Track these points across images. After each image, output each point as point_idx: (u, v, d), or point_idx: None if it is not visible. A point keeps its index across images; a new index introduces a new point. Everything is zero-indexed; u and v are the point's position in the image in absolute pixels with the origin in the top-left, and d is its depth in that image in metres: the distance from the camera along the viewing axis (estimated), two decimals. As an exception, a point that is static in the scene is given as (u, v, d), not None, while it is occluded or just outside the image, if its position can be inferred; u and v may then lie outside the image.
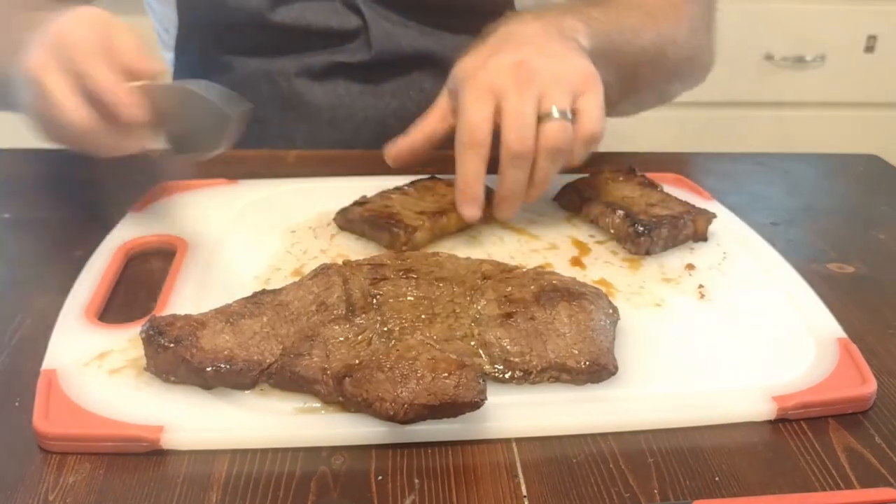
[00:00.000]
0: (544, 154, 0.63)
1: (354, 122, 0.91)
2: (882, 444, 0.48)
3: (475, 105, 0.64)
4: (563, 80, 0.64)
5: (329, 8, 0.88)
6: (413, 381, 0.45)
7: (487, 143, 0.63)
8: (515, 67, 0.64)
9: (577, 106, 0.64)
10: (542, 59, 0.65)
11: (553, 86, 0.64)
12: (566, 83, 0.64)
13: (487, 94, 0.64)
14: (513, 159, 0.63)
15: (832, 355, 0.54)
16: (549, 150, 0.63)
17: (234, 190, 0.76)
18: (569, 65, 0.66)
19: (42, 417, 0.46)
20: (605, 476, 0.45)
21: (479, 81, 0.65)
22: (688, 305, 0.60)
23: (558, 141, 0.63)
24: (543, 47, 0.67)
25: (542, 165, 0.64)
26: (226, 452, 0.46)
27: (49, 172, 0.83)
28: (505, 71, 0.64)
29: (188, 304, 0.57)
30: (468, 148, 0.64)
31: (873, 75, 1.90)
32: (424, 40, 0.89)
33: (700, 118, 1.89)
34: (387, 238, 0.65)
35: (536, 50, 0.66)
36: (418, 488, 0.44)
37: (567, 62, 0.66)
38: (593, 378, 0.51)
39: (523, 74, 0.64)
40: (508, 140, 0.62)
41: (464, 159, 0.64)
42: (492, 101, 0.64)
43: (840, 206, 0.83)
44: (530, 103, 0.63)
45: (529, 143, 0.62)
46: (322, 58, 0.89)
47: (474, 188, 0.64)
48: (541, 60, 0.65)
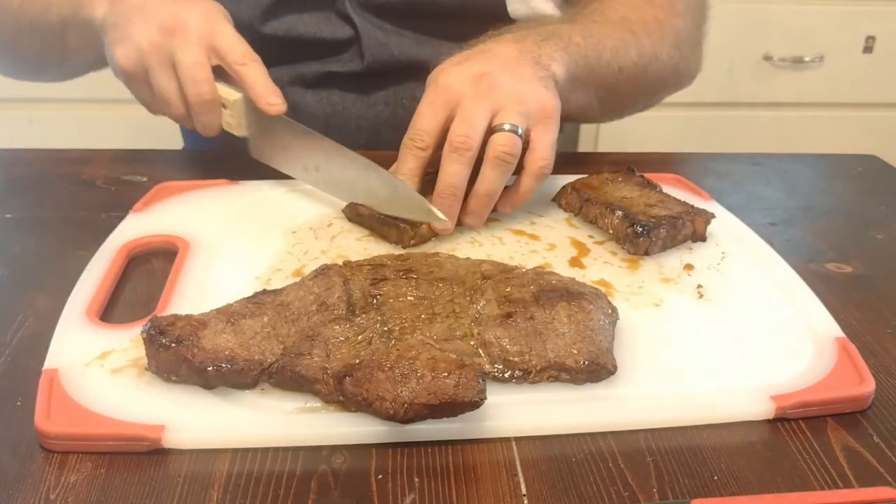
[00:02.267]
0: (490, 162, 0.64)
1: (348, 131, 0.91)
2: (880, 443, 0.48)
3: (428, 110, 0.66)
4: (521, 102, 0.65)
5: (321, 19, 0.88)
6: (413, 381, 0.45)
7: (428, 147, 0.66)
8: (478, 78, 0.66)
9: (530, 137, 0.66)
10: (506, 77, 0.66)
11: (510, 103, 0.65)
12: (523, 106, 0.65)
13: (444, 99, 0.66)
14: (452, 153, 0.64)
15: (830, 355, 0.54)
16: (495, 159, 0.64)
17: (236, 190, 0.76)
18: (531, 90, 0.67)
19: (44, 417, 0.46)
20: (604, 475, 0.45)
21: (440, 86, 0.67)
22: (686, 305, 0.60)
23: (506, 149, 0.64)
24: (512, 68, 0.68)
25: (487, 175, 0.65)
26: (227, 451, 0.46)
27: (50, 172, 0.83)
28: (467, 79, 0.66)
29: (189, 304, 0.57)
30: (407, 148, 0.67)
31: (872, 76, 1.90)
32: (417, 49, 0.89)
33: (699, 118, 1.90)
34: (395, 234, 0.66)
35: (504, 68, 0.67)
36: (418, 487, 0.44)
37: (530, 88, 0.67)
38: (592, 377, 0.51)
39: (483, 85, 0.65)
40: (452, 134, 0.64)
41: (401, 157, 0.67)
42: (446, 108, 0.66)
43: (838, 206, 0.83)
44: (483, 111, 0.64)
45: (472, 141, 0.63)
46: (315, 67, 0.90)
47: None
48: (505, 77, 0.66)
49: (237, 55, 0.70)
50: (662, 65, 0.83)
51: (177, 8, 0.70)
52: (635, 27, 0.81)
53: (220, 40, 0.70)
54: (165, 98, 0.71)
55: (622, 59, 0.78)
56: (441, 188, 0.65)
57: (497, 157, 0.64)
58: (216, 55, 0.70)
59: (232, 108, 0.72)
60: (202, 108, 0.71)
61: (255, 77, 0.70)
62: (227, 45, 0.70)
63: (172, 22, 0.69)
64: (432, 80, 0.68)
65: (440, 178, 0.65)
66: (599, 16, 0.80)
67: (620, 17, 0.81)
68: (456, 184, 0.64)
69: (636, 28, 0.81)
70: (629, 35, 0.80)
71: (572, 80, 0.73)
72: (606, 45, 0.77)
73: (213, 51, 0.70)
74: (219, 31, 0.70)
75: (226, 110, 0.72)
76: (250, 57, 0.70)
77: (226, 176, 0.77)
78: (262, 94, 0.70)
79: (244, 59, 0.70)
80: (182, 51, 0.69)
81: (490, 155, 0.64)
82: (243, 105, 0.72)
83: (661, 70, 0.83)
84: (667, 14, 0.84)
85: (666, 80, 0.86)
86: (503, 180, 0.66)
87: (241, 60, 0.70)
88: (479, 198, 0.66)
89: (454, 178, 0.64)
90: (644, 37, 0.81)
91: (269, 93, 0.70)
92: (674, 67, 0.85)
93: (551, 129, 0.67)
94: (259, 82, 0.70)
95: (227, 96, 0.72)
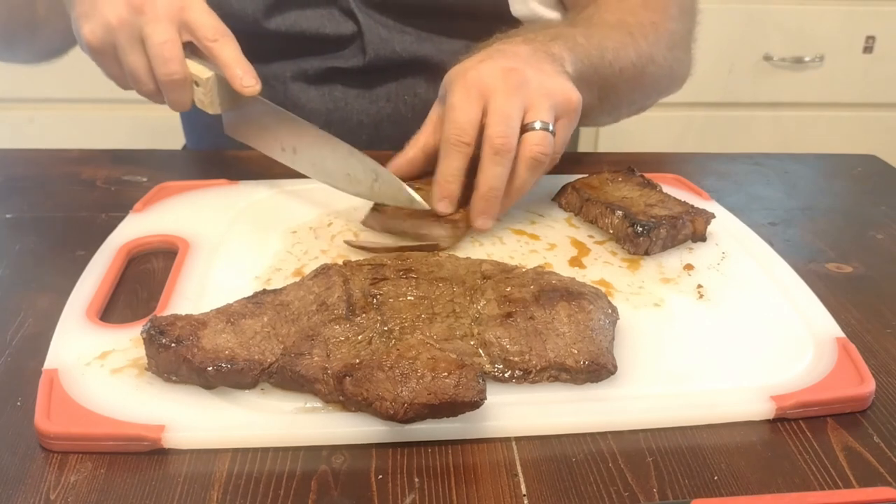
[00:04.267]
0: (525, 162, 0.64)
1: (349, 126, 0.91)
2: (880, 443, 0.48)
3: (462, 104, 0.64)
4: (549, 96, 0.65)
5: (324, 15, 0.88)
6: (413, 381, 0.45)
7: (472, 142, 0.64)
8: (507, 72, 0.65)
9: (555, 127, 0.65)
10: (532, 72, 0.66)
11: (540, 98, 0.65)
12: (552, 100, 0.65)
13: (476, 92, 0.65)
14: (494, 155, 0.63)
15: (830, 355, 0.54)
16: (530, 159, 0.64)
17: (236, 190, 0.76)
18: (557, 84, 0.67)
19: (44, 417, 0.46)
20: (604, 475, 0.45)
21: (469, 80, 0.65)
22: (687, 305, 0.60)
23: (541, 150, 0.63)
24: (534, 63, 0.68)
25: (521, 174, 0.64)
26: (227, 451, 0.46)
27: (50, 172, 0.83)
28: (496, 73, 0.65)
29: (189, 303, 0.57)
30: (451, 145, 0.64)
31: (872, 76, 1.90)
32: (419, 46, 0.89)
33: (699, 118, 1.90)
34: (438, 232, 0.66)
35: (527, 63, 0.67)
36: (418, 487, 0.44)
37: (555, 81, 0.67)
38: (592, 377, 0.51)
39: (513, 79, 0.64)
40: (492, 135, 0.63)
41: (445, 156, 0.65)
42: (480, 101, 0.64)
43: (838, 206, 0.83)
44: (517, 108, 0.64)
45: (512, 142, 0.63)
46: (317, 63, 0.90)
47: (452, 186, 0.65)
48: (531, 72, 0.66)
49: (208, 31, 0.68)
50: (658, 67, 0.83)
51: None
52: (633, 30, 0.81)
53: (191, 15, 0.68)
54: (135, 76, 0.69)
55: (622, 60, 0.79)
56: (485, 191, 0.64)
57: (533, 158, 0.64)
58: (187, 31, 0.68)
59: (204, 85, 0.70)
60: (172, 87, 0.69)
61: (228, 54, 0.68)
62: (197, 20, 0.68)
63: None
64: (459, 76, 0.66)
65: (482, 181, 0.64)
66: (598, 19, 0.81)
67: (618, 20, 0.82)
68: (499, 186, 0.64)
69: (634, 31, 0.81)
70: (628, 37, 0.80)
71: (578, 79, 0.72)
72: (608, 47, 0.77)
73: (185, 26, 0.68)
74: (189, 5, 0.68)
75: (198, 88, 0.70)
76: (222, 32, 0.68)
77: (226, 176, 0.77)
78: (236, 73, 0.68)
79: (215, 35, 0.68)
80: (151, 27, 0.67)
81: (526, 155, 0.63)
82: (216, 83, 0.70)
83: (657, 72, 0.84)
84: (662, 18, 0.85)
85: (661, 81, 0.87)
86: (535, 179, 0.65)
87: (212, 36, 0.68)
88: (512, 196, 0.65)
89: (497, 181, 0.63)
90: (641, 39, 0.81)
91: (243, 73, 0.68)
92: (669, 69, 0.86)
93: (571, 122, 0.67)
94: (232, 61, 0.68)
95: (199, 74, 0.69)
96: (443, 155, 0.65)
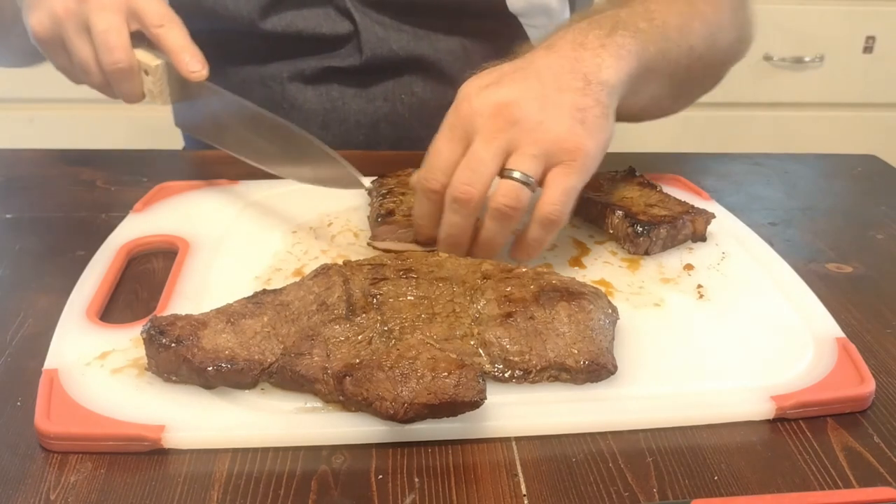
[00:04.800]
0: (489, 213, 0.58)
1: (347, 126, 0.91)
2: (881, 443, 0.48)
3: (443, 146, 0.60)
4: (542, 140, 0.58)
5: (320, 14, 0.88)
6: (413, 381, 0.45)
7: (441, 189, 0.59)
8: (499, 109, 0.58)
9: (546, 179, 0.58)
10: (533, 106, 0.58)
11: (527, 143, 0.57)
12: (544, 145, 0.58)
13: (460, 133, 0.59)
14: (452, 203, 0.58)
15: (830, 355, 0.54)
16: (494, 210, 0.58)
17: (236, 190, 0.76)
18: (559, 126, 0.58)
19: (44, 417, 0.46)
20: (604, 475, 0.45)
21: (461, 115, 0.59)
22: (687, 305, 0.60)
23: (507, 202, 0.57)
24: (549, 92, 0.59)
25: (487, 224, 0.59)
26: (227, 451, 0.46)
27: (50, 172, 0.83)
28: (487, 110, 0.58)
29: (189, 303, 0.57)
30: (420, 190, 0.61)
31: (872, 76, 1.90)
32: (416, 44, 0.89)
33: (699, 119, 1.90)
34: None
35: (537, 94, 0.59)
36: (418, 487, 0.44)
37: (559, 123, 0.58)
38: (592, 377, 0.51)
39: (501, 120, 0.58)
40: (454, 182, 0.58)
41: (417, 198, 0.61)
42: (462, 143, 0.59)
43: (838, 207, 0.83)
44: (493, 154, 0.58)
45: (473, 192, 0.57)
46: (314, 62, 0.90)
47: (424, 229, 0.62)
48: (531, 107, 0.58)
49: (153, 17, 0.66)
50: (727, 32, 0.76)
51: None
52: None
53: (137, 3, 0.66)
54: (83, 66, 0.68)
55: (690, 35, 0.71)
56: (442, 238, 0.60)
57: (496, 209, 0.58)
58: (135, 19, 0.67)
59: (153, 74, 0.68)
60: (118, 77, 0.68)
61: (174, 40, 0.66)
62: (143, 7, 0.66)
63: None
64: (454, 109, 0.60)
65: (441, 227, 0.60)
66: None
67: None
68: (456, 235, 0.59)
69: None
70: (689, 7, 0.72)
71: (645, 71, 0.65)
72: (671, 24, 0.69)
73: (132, 14, 0.66)
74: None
75: (147, 77, 0.68)
76: (168, 18, 0.67)
77: (226, 176, 0.77)
78: (182, 59, 0.66)
79: (160, 21, 0.66)
80: (96, 16, 0.65)
81: (490, 205, 0.58)
82: (165, 71, 0.68)
83: (726, 38, 0.76)
84: None
85: (732, 48, 0.79)
86: (505, 232, 0.59)
87: (157, 22, 0.66)
88: (480, 246, 0.60)
89: (454, 230, 0.59)
90: (703, 5, 0.74)
91: (191, 58, 0.66)
92: (738, 31, 0.78)
93: (573, 171, 0.58)
94: (178, 46, 0.66)
95: (147, 62, 0.68)
96: (416, 199, 0.62)
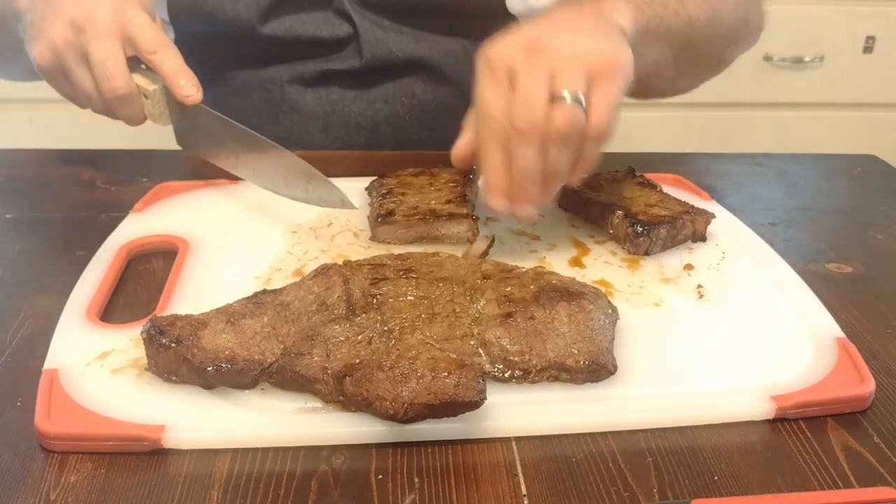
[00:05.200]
0: (553, 143, 0.58)
1: (347, 129, 0.91)
2: (880, 443, 0.48)
3: (487, 91, 0.60)
4: (577, 58, 0.59)
5: (319, 18, 0.88)
6: (413, 381, 0.45)
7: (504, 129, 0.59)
8: (528, 43, 0.60)
9: (590, 98, 0.59)
10: (559, 35, 0.60)
11: (566, 63, 0.58)
12: (581, 62, 0.59)
13: (499, 73, 0.60)
14: (519, 136, 0.58)
15: (831, 355, 0.54)
16: (558, 137, 0.58)
17: (236, 190, 0.76)
18: (590, 44, 0.60)
19: (44, 417, 0.46)
20: (604, 475, 0.45)
21: (491, 60, 0.61)
22: (687, 305, 0.60)
23: (568, 123, 0.57)
24: (567, 25, 0.62)
25: (552, 152, 0.59)
26: (227, 451, 0.46)
27: (51, 172, 0.83)
28: (516, 48, 0.60)
29: (189, 304, 0.57)
30: (487, 139, 0.60)
31: (872, 76, 1.90)
32: (416, 46, 0.89)
33: (699, 119, 1.89)
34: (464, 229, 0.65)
35: (558, 27, 0.61)
36: (418, 487, 0.44)
37: (589, 41, 0.60)
38: (592, 377, 0.51)
39: (535, 51, 0.59)
40: (515, 118, 0.58)
41: (484, 151, 0.61)
42: (504, 82, 0.59)
43: (838, 207, 0.83)
44: (539, 82, 0.58)
45: (534, 121, 0.58)
46: (314, 65, 0.90)
47: (497, 179, 0.61)
48: (558, 36, 0.60)
49: (148, 43, 0.68)
50: (732, 10, 0.76)
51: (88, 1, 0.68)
52: None
53: (132, 30, 0.68)
54: (86, 94, 0.70)
55: (688, 4, 0.72)
56: (518, 177, 0.59)
57: (560, 133, 0.58)
58: (130, 45, 0.68)
59: (152, 97, 0.70)
60: (119, 103, 0.69)
61: (168, 65, 0.68)
62: (138, 34, 0.68)
63: (82, 16, 0.67)
64: (483, 57, 0.61)
65: (513, 168, 0.59)
66: None
67: None
68: (529, 168, 0.59)
69: None
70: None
71: (644, 32, 0.66)
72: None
73: (127, 41, 0.68)
74: (129, 20, 0.68)
75: (147, 100, 0.70)
76: (161, 43, 0.68)
77: (226, 176, 0.77)
78: (176, 83, 0.68)
79: (154, 47, 0.68)
80: (93, 45, 0.67)
81: (553, 134, 0.58)
82: (163, 95, 0.70)
83: (731, 16, 0.76)
84: None
85: (738, 27, 0.79)
86: (571, 157, 0.59)
87: (151, 48, 0.68)
88: (551, 176, 0.60)
89: (526, 163, 0.59)
90: None
91: (186, 82, 0.68)
92: (743, 15, 0.78)
93: (612, 83, 0.59)
94: (173, 71, 0.68)
95: (146, 86, 0.69)
96: (481, 151, 0.61)
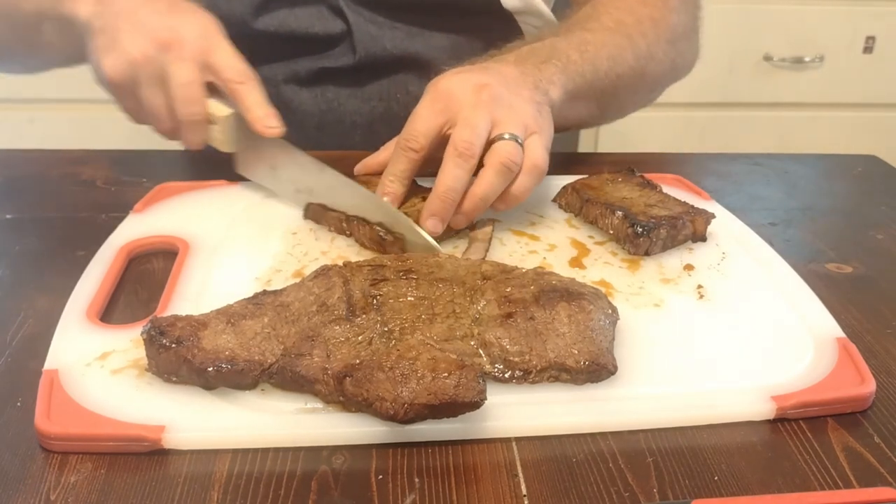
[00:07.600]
0: (494, 168, 0.64)
1: (343, 128, 0.91)
2: (881, 443, 0.48)
3: (424, 113, 0.66)
4: (518, 115, 0.66)
5: (313, 13, 0.88)
6: (413, 381, 0.45)
7: (420, 149, 0.65)
8: (479, 87, 0.66)
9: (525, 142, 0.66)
10: (504, 91, 0.67)
11: (508, 115, 0.65)
12: (521, 118, 0.66)
13: (442, 105, 0.66)
14: (457, 157, 0.63)
15: (831, 355, 0.54)
16: (500, 165, 0.64)
17: (236, 191, 0.76)
18: (527, 110, 0.67)
19: (44, 417, 0.46)
20: (604, 475, 0.45)
21: (439, 91, 0.67)
22: (687, 305, 0.60)
23: (511, 157, 0.64)
24: (512, 85, 0.68)
25: (490, 179, 0.64)
26: (227, 452, 0.46)
27: (51, 172, 0.83)
28: (467, 88, 0.66)
29: (189, 304, 0.57)
30: (399, 149, 0.66)
31: (872, 76, 1.90)
32: (410, 42, 0.89)
33: (699, 119, 1.90)
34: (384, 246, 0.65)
35: (504, 83, 0.68)
36: (419, 487, 0.44)
37: (526, 107, 0.67)
38: (593, 378, 0.51)
39: (484, 96, 0.65)
40: (455, 139, 0.64)
41: (393, 158, 0.67)
42: (444, 113, 0.65)
43: (838, 207, 0.83)
44: (484, 120, 0.64)
45: (475, 148, 0.63)
46: (308, 63, 0.90)
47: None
48: (503, 91, 0.67)
49: (234, 74, 0.68)
50: (659, 63, 0.83)
51: (172, 20, 0.68)
52: (630, 30, 0.81)
53: (217, 58, 0.68)
54: (154, 113, 0.70)
55: (620, 66, 0.79)
56: (441, 191, 0.63)
57: (502, 164, 0.63)
58: (210, 72, 0.69)
59: (221, 124, 0.70)
60: (192, 127, 0.70)
61: (253, 98, 0.69)
62: (223, 63, 0.68)
63: (168, 35, 0.67)
64: (432, 86, 0.68)
65: (440, 181, 0.64)
66: (594, 23, 0.81)
67: (615, 21, 0.81)
68: (456, 188, 0.63)
69: (632, 31, 0.81)
70: (625, 40, 0.80)
71: (571, 98, 0.73)
72: (603, 56, 0.77)
73: (208, 67, 0.68)
74: (215, 47, 0.69)
75: (214, 126, 0.71)
76: (247, 76, 0.69)
77: (226, 176, 0.77)
78: (260, 116, 0.68)
79: (241, 79, 0.69)
80: (175, 66, 0.67)
81: (495, 161, 0.64)
82: (233, 122, 0.71)
83: (658, 69, 0.84)
84: (661, 12, 0.84)
85: (664, 76, 0.87)
86: (502, 187, 0.65)
87: (237, 79, 0.68)
88: (475, 200, 0.65)
89: (455, 183, 0.63)
90: (639, 38, 0.81)
91: (267, 116, 0.69)
92: (671, 63, 0.86)
93: (544, 138, 0.67)
94: (257, 104, 0.69)
95: (216, 112, 0.70)
96: (392, 157, 0.67)
